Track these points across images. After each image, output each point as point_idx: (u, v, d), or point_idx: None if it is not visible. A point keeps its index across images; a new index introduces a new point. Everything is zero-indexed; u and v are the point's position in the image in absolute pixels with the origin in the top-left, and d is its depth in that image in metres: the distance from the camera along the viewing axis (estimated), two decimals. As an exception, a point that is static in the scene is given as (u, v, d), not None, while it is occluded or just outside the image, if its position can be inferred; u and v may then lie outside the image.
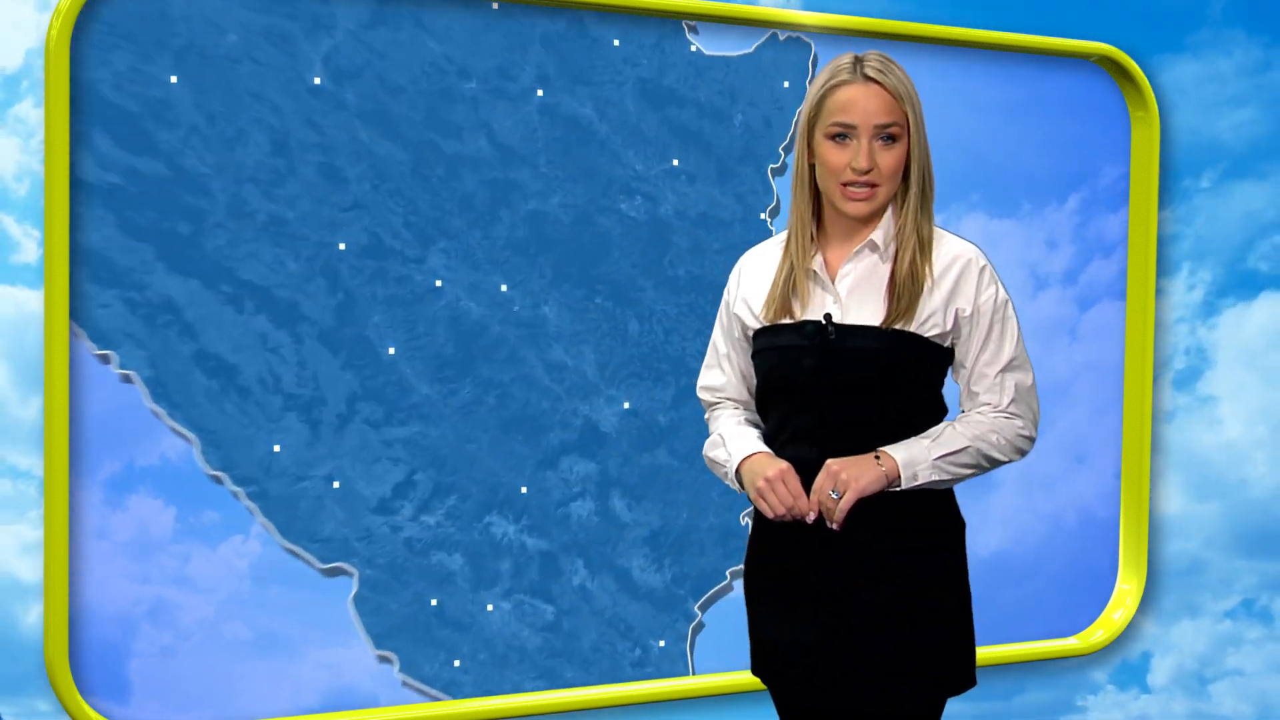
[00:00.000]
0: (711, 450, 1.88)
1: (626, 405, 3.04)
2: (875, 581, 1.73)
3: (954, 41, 2.73)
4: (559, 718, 2.79)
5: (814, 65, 2.97)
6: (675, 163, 3.05)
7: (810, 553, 1.74)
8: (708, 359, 1.95)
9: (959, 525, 1.82)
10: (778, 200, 3.10)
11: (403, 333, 2.85)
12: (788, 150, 3.09)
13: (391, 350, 2.82)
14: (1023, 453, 1.80)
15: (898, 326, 1.73)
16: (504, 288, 2.95)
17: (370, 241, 2.78)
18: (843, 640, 1.73)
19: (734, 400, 1.93)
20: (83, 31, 2.21)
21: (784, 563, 1.79)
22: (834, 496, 1.69)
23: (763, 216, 3.13)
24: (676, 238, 3.10)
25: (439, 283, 2.88)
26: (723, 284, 2.00)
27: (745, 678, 1.96)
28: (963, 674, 1.80)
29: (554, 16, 2.76)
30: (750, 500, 1.78)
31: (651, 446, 3.07)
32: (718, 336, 1.93)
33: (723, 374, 1.92)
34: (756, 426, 1.88)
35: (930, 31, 2.75)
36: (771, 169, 3.13)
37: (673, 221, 3.07)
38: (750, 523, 1.89)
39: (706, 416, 1.98)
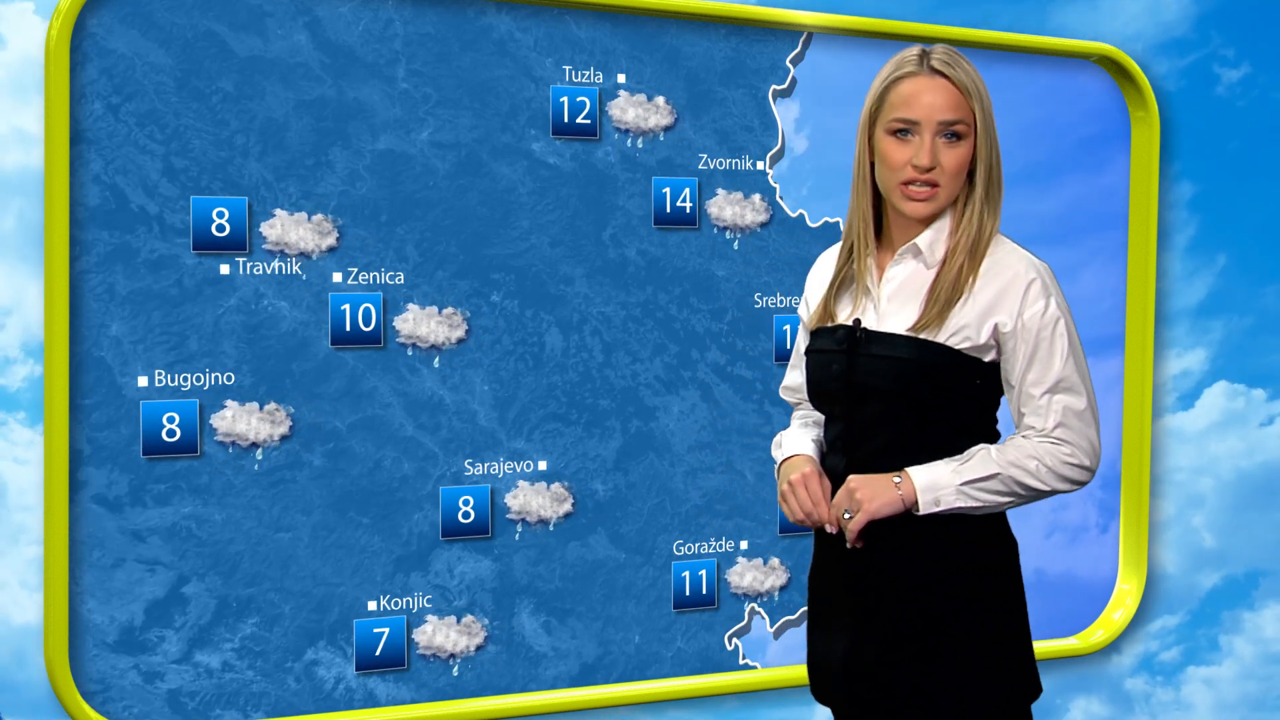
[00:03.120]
0: (774, 450, 2.10)
1: (543, 466, 2.74)
2: (897, 601, 1.91)
3: (954, 42, 2.92)
4: (559, 717, 2.75)
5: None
6: (621, 78, 2.74)
7: (837, 565, 1.97)
8: (792, 359, 2.18)
9: (1003, 546, 1.95)
10: (782, 141, 2.83)
11: (164, 351, 2.45)
12: (797, 63, 2.84)
13: (143, 381, 2.43)
14: (1075, 482, 1.92)
15: (924, 336, 1.88)
16: (338, 276, 2.59)
17: (103, 200, 2.42)
18: (862, 660, 1.93)
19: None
20: (83, 31, 2.43)
21: (824, 574, 2.02)
22: (846, 516, 1.86)
23: (760, 165, 2.83)
24: (623, 198, 2.76)
25: (225, 269, 2.51)
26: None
27: None
28: (998, 698, 1.94)
29: None
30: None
31: (583, 533, 2.73)
32: (799, 334, 2.16)
33: (800, 374, 2.12)
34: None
35: (930, 31, 2.96)
36: (774, 91, 2.84)
37: (616, 172, 2.75)
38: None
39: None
